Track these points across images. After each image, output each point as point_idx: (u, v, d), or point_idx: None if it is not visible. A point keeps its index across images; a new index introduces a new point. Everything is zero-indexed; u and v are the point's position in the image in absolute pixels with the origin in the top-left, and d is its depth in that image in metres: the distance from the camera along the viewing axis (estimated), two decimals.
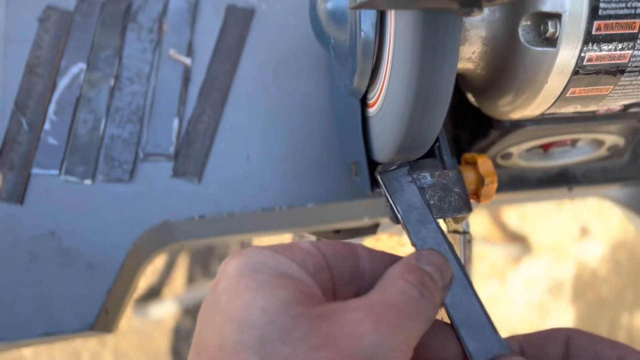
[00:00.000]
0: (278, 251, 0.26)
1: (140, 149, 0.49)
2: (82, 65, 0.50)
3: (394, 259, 0.28)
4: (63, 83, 0.49)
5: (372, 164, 0.38)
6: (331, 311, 0.24)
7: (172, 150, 0.48)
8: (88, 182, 0.47)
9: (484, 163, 0.35)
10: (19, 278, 0.44)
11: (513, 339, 0.29)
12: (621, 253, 1.49)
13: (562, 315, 1.46)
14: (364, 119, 0.39)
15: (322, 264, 0.26)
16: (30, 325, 0.43)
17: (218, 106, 0.50)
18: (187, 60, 0.50)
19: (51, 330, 0.43)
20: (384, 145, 0.35)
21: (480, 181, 0.35)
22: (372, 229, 0.52)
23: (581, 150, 0.46)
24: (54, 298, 0.44)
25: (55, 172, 0.48)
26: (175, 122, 0.49)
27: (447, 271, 0.28)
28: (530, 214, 1.49)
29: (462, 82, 0.41)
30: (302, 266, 0.25)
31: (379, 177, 0.33)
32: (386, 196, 0.33)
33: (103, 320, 0.44)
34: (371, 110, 0.37)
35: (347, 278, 0.27)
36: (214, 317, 0.24)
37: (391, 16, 0.31)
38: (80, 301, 0.44)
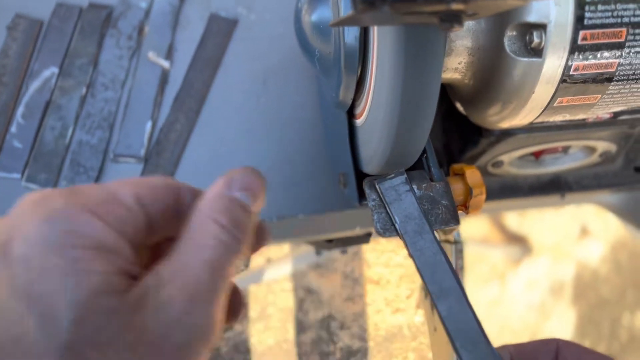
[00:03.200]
0: (95, 211, 0.22)
1: (111, 149, 0.48)
2: (54, 70, 0.49)
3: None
4: (34, 86, 0.49)
5: (361, 175, 0.38)
6: (145, 294, 0.21)
7: (142, 152, 0.48)
8: None
9: (472, 174, 0.35)
10: None
11: (505, 348, 0.30)
12: (621, 253, 1.49)
13: (563, 316, 1.45)
14: (352, 130, 0.38)
15: (142, 224, 0.24)
16: None
17: (192, 115, 0.49)
18: (166, 64, 0.50)
19: None
20: (371, 156, 0.35)
21: (469, 192, 0.35)
22: (364, 238, 0.52)
23: (573, 156, 0.45)
24: None
25: (17, 175, 0.47)
26: (149, 124, 0.49)
27: (260, 189, 0.26)
28: (530, 215, 1.48)
29: (450, 91, 0.41)
30: (121, 231, 0.22)
31: (377, 186, 0.33)
32: (373, 207, 0.32)
33: None
34: (358, 122, 0.37)
35: (165, 226, 0.25)
36: (5, 293, 0.20)
37: (374, 28, 0.31)
38: None
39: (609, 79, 0.33)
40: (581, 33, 0.31)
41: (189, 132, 0.49)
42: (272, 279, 1.41)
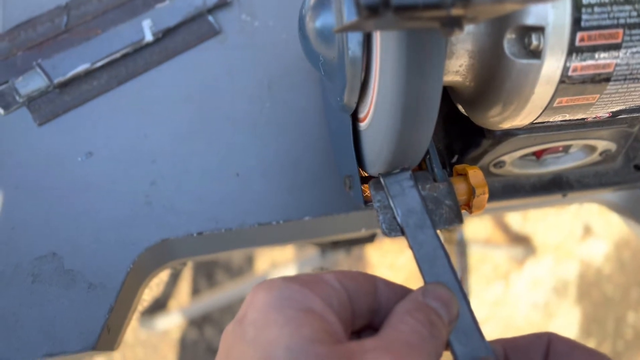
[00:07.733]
0: (305, 285, 0.26)
1: None
2: None
3: (406, 292, 0.29)
4: None
5: (366, 178, 0.39)
6: (350, 351, 0.24)
7: None
8: None
9: (475, 174, 0.36)
10: (22, 300, 0.45)
11: (498, 342, 0.30)
12: (625, 251, 1.49)
13: (568, 315, 1.46)
14: (356, 133, 0.39)
15: (345, 301, 0.27)
16: (33, 346, 0.43)
17: (113, 82, 0.51)
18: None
19: (54, 351, 0.43)
20: (375, 159, 0.36)
21: (472, 192, 0.35)
22: (369, 239, 0.52)
23: (574, 156, 0.46)
24: (56, 318, 0.44)
25: None
26: None
27: (454, 305, 0.28)
28: (533, 215, 1.49)
29: (452, 93, 0.42)
30: (327, 302, 0.26)
31: (382, 180, 0.34)
32: (379, 208, 0.33)
33: (105, 339, 0.45)
34: (362, 125, 0.38)
35: (365, 312, 0.28)
36: (240, 347, 0.25)
37: (377, 33, 0.32)
38: (82, 321, 0.44)
39: (607, 79, 0.34)
40: (578, 35, 0.32)
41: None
42: None
